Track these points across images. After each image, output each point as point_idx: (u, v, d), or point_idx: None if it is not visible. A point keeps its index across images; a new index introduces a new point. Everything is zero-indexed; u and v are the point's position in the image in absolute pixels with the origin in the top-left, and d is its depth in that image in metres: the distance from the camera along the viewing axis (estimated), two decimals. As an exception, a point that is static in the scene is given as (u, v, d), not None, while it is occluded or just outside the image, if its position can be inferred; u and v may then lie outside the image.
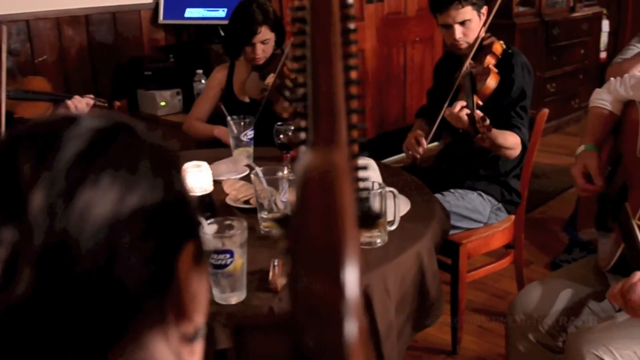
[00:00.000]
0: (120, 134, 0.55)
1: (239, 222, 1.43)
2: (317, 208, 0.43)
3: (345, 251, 0.40)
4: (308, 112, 0.68)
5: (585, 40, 5.76)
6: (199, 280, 0.58)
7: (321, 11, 0.68)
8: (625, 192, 1.70)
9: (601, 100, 1.96)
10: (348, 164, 0.50)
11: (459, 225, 2.44)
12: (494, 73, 2.42)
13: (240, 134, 2.36)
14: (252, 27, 2.61)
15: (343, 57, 0.71)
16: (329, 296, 0.39)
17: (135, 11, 3.61)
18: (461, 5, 2.42)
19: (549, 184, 4.31)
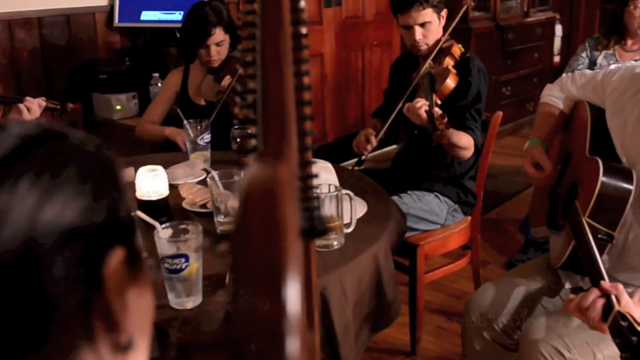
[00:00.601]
0: (47, 140, 0.54)
1: (194, 226, 1.42)
2: (258, 224, 0.43)
3: (286, 268, 0.40)
4: (257, 119, 0.67)
5: (539, 44, 5.88)
6: (133, 287, 0.57)
7: (271, 15, 0.68)
8: (575, 190, 1.74)
9: (552, 96, 2.00)
10: (294, 176, 0.50)
11: (416, 227, 2.47)
12: (453, 74, 2.46)
13: (197, 138, 2.34)
14: (205, 29, 2.60)
15: (294, 63, 0.71)
16: (270, 314, 0.39)
17: (89, 14, 3.56)
18: (422, 7, 2.45)
19: (505, 185, 4.39)
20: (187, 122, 2.35)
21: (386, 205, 1.97)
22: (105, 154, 0.59)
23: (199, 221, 1.82)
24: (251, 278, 0.41)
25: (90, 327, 0.53)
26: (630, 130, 1.71)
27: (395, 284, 1.75)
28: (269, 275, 0.40)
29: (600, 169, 1.60)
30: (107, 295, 0.54)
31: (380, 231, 1.77)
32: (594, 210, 1.59)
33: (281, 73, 0.67)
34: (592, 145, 1.78)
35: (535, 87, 5.89)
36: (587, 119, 1.84)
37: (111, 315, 0.54)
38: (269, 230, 0.42)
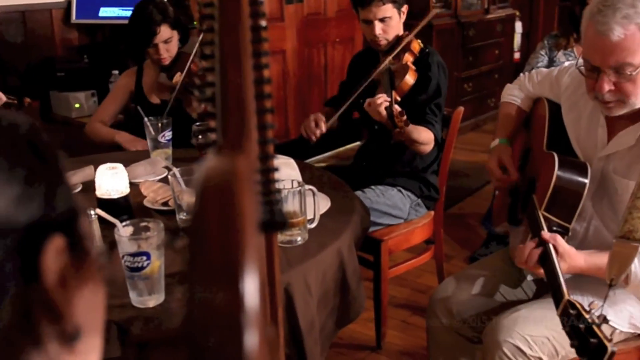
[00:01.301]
0: None
1: (156, 224, 1.40)
2: (214, 218, 0.42)
3: (243, 262, 0.40)
4: (217, 113, 0.66)
5: (499, 41, 5.96)
6: (77, 276, 0.55)
7: (230, 7, 0.67)
8: (533, 185, 1.77)
9: (512, 96, 2.04)
10: (252, 168, 0.50)
11: (379, 222, 2.48)
12: (412, 70, 2.47)
13: (158, 135, 2.31)
14: (151, 28, 2.57)
15: (253, 55, 0.71)
16: (228, 308, 0.38)
17: (46, 10, 3.49)
18: (382, 2, 2.47)
19: (467, 180, 4.44)
20: (147, 119, 2.32)
21: (349, 200, 1.98)
22: (40, 137, 0.56)
23: (160, 219, 1.80)
24: (208, 272, 0.40)
25: (31, 319, 0.51)
26: (585, 125, 1.74)
27: (359, 279, 1.75)
28: (226, 268, 0.39)
29: (556, 163, 1.63)
30: (47, 284, 0.52)
31: (344, 226, 1.77)
32: (550, 203, 1.62)
33: (240, 66, 0.67)
34: (549, 141, 1.81)
35: (496, 83, 5.97)
36: (545, 116, 1.88)
37: (53, 305, 0.52)
38: (225, 224, 0.42)
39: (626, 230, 1.47)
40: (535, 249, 1.55)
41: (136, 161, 2.24)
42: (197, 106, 2.61)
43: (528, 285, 1.92)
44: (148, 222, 1.41)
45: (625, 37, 1.47)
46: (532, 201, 1.67)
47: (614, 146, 1.65)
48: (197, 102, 2.63)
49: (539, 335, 1.64)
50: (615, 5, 1.48)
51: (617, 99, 1.56)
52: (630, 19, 1.47)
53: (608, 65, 1.51)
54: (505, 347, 1.63)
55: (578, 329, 1.31)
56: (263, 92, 0.71)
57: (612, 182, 1.66)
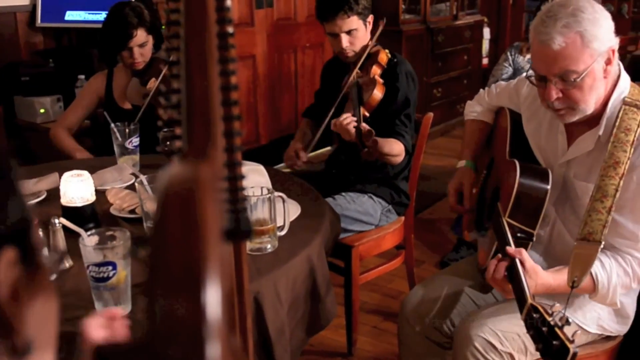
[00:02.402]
0: None
1: (122, 233, 1.37)
2: (176, 226, 0.41)
3: (205, 271, 0.38)
4: (182, 119, 0.65)
5: (468, 47, 6.02)
6: (30, 288, 0.53)
7: (195, 14, 0.66)
8: (497, 193, 1.79)
9: (474, 112, 2.07)
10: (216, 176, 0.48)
11: (350, 229, 2.47)
12: (380, 84, 2.46)
13: (125, 142, 2.27)
14: (126, 31, 2.53)
15: (220, 62, 0.69)
16: (190, 318, 0.37)
17: (10, 13, 3.42)
18: (347, 15, 2.45)
19: (437, 185, 4.46)
20: (114, 125, 2.28)
21: (319, 206, 1.97)
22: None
23: (127, 227, 1.77)
24: (169, 282, 0.38)
25: None
26: (545, 133, 1.77)
27: (329, 286, 1.74)
28: (187, 278, 0.38)
29: (517, 170, 1.65)
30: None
31: (314, 233, 1.76)
32: (513, 210, 1.63)
33: (206, 72, 0.65)
34: (512, 149, 1.84)
35: (465, 88, 6.02)
36: (507, 125, 1.90)
37: (4, 318, 0.51)
38: (187, 232, 0.40)
39: (586, 232, 1.49)
40: (502, 262, 1.54)
41: (102, 168, 2.21)
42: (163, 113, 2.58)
43: (498, 292, 1.92)
44: (114, 230, 1.38)
45: (566, 45, 1.50)
46: (497, 208, 1.68)
47: (574, 152, 1.68)
48: (162, 110, 2.59)
49: (510, 331, 1.66)
50: (556, 16, 1.51)
51: (566, 106, 1.59)
52: (571, 27, 1.49)
53: (553, 74, 1.55)
54: (476, 342, 1.64)
55: (541, 332, 1.32)
56: (230, 98, 0.70)
57: (574, 187, 1.68)
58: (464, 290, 1.90)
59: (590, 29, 1.50)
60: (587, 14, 1.50)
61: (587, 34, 1.49)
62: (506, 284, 1.52)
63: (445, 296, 1.88)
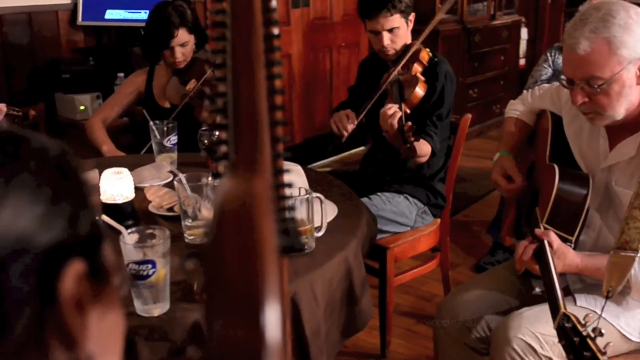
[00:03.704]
0: (5, 144, 0.52)
1: (161, 231, 1.38)
2: (234, 246, 0.40)
3: (264, 292, 0.37)
4: (229, 125, 0.64)
5: (505, 47, 5.94)
6: (96, 303, 0.53)
7: (242, 15, 0.65)
8: (536, 198, 1.76)
9: (515, 111, 2.04)
10: (269, 188, 0.47)
11: (385, 229, 2.46)
12: (422, 82, 2.44)
13: (163, 139, 2.29)
14: (169, 30, 2.55)
15: (266, 65, 0.68)
16: (248, 342, 0.36)
17: (52, 12, 3.48)
18: (390, 12, 2.44)
19: (472, 187, 4.42)
20: (153, 123, 2.31)
21: (356, 207, 1.96)
22: (69, 160, 0.56)
23: (165, 225, 1.79)
24: (226, 303, 0.38)
25: (43, 343, 0.50)
26: (586, 137, 1.73)
27: (365, 288, 1.73)
28: (246, 301, 0.37)
29: (557, 174, 1.62)
30: (62, 310, 0.50)
31: (351, 234, 1.75)
32: (551, 215, 1.61)
33: (253, 76, 0.65)
34: (552, 153, 1.81)
35: (501, 89, 5.95)
36: (548, 128, 1.87)
37: (67, 331, 0.51)
38: (245, 250, 0.39)
39: (623, 241, 1.46)
40: (531, 244, 1.56)
41: (141, 165, 2.23)
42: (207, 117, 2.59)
43: (536, 298, 1.89)
44: (154, 229, 1.39)
45: (592, 50, 1.47)
46: (535, 214, 1.66)
47: (615, 157, 1.64)
48: (206, 113, 2.60)
49: (551, 334, 1.62)
50: (587, 19, 1.48)
51: (592, 110, 1.56)
52: (598, 32, 1.46)
53: (578, 78, 1.52)
54: (515, 344, 1.61)
55: (573, 342, 1.30)
56: (275, 103, 0.69)
57: (616, 193, 1.65)
58: (503, 297, 1.87)
59: (619, 35, 1.46)
60: (618, 19, 1.46)
61: (615, 40, 1.46)
62: (533, 263, 1.56)
63: (483, 302, 1.85)
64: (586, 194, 1.61)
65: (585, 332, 1.29)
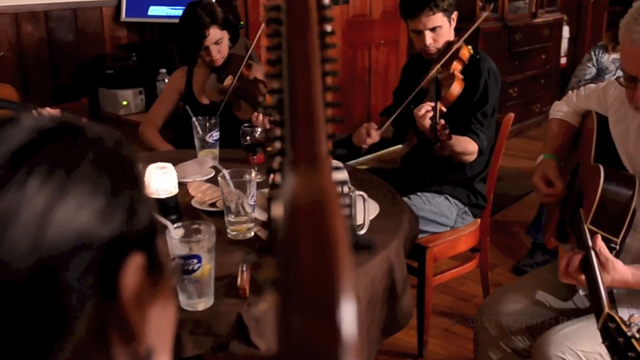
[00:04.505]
0: (62, 135, 0.50)
1: (207, 227, 1.39)
2: (308, 243, 0.39)
3: (340, 289, 0.37)
4: (285, 121, 0.64)
5: (546, 45, 5.85)
6: (153, 296, 0.53)
7: (298, 12, 0.65)
8: (581, 199, 1.73)
9: (560, 112, 2.01)
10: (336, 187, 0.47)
11: (425, 229, 2.44)
12: (459, 79, 2.42)
13: (205, 135, 2.32)
14: (200, 31, 2.57)
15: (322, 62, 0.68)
16: (325, 340, 0.36)
17: (96, 8, 3.54)
18: (432, 12, 2.41)
19: (511, 187, 4.36)
20: (195, 119, 2.33)
21: (398, 206, 1.95)
22: (125, 151, 0.55)
23: (208, 220, 1.80)
24: (301, 300, 0.37)
25: (105, 338, 0.50)
26: (634, 139, 1.70)
27: (406, 286, 1.73)
28: (322, 297, 0.37)
29: (602, 175, 1.59)
30: (123, 304, 0.50)
31: (393, 233, 1.74)
32: (596, 216, 1.58)
33: (310, 73, 0.64)
34: (597, 153, 1.77)
35: (542, 88, 5.86)
36: (593, 129, 1.84)
37: (128, 325, 0.51)
38: (320, 248, 0.39)
39: None
40: (577, 255, 1.51)
41: (183, 160, 2.25)
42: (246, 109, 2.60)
43: (580, 300, 1.86)
44: (200, 224, 1.41)
45: None
46: (579, 215, 1.63)
47: None
48: (245, 105, 2.62)
49: (591, 351, 1.59)
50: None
51: None
52: None
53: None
54: None
55: (617, 343, 1.28)
56: (329, 100, 0.69)
57: None
58: (545, 298, 1.85)
59: None
60: None
61: None
62: (579, 274, 1.51)
63: (525, 304, 1.83)
64: (632, 194, 1.58)
65: (630, 333, 1.27)
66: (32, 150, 0.48)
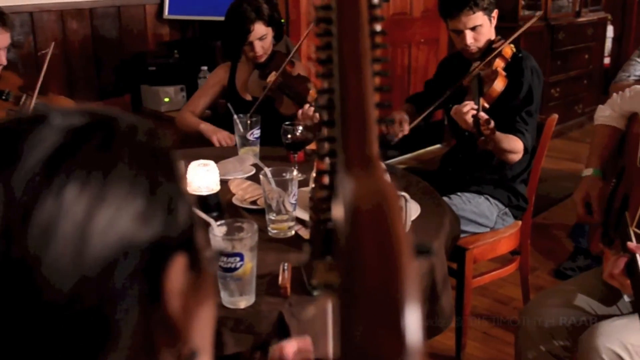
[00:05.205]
0: (95, 132, 0.48)
1: (250, 225, 1.40)
2: (372, 247, 0.38)
3: (405, 293, 0.36)
4: (336, 121, 0.63)
5: (589, 45, 5.74)
6: (197, 294, 0.52)
7: (349, 11, 0.65)
8: (626, 202, 1.70)
9: (603, 116, 1.97)
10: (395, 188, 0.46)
11: (465, 229, 2.41)
12: (502, 76, 2.39)
13: (246, 133, 2.32)
14: (245, 26, 2.58)
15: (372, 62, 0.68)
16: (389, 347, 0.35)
17: (140, 5, 3.58)
18: (472, 11, 2.38)
19: (552, 189, 4.29)
20: (237, 116, 2.34)
21: (439, 206, 1.93)
22: (158, 142, 0.52)
23: (248, 217, 1.81)
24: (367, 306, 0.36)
25: (151, 341, 0.49)
26: None
27: (448, 288, 1.71)
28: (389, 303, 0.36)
29: None
30: (169, 307, 0.49)
31: (435, 233, 1.73)
32: None
33: (361, 73, 0.64)
34: None
35: (584, 89, 5.75)
36: (638, 133, 1.80)
37: (173, 326, 0.50)
38: (384, 250, 0.38)
39: None
40: (622, 258, 1.49)
41: (224, 158, 2.26)
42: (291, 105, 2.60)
43: (624, 306, 1.82)
44: (242, 222, 1.41)
45: None
46: (624, 218, 1.59)
47: None
48: (289, 102, 2.62)
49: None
50: None
51: None
52: None
53: None
54: (604, 354, 1.57)
55: None
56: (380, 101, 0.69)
57: None
58: (589, 304, 1.81)
59: None
60: None
61: None
62: (624, 279, 1.49)
63: (569, 309, 1.80)
64: None
65: None
66: (66, 154, 0.46)
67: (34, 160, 0.45)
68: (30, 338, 0.44)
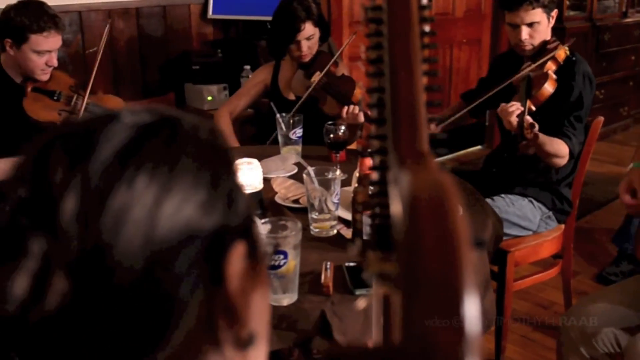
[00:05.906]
0: (162, 129, 0.51)
1: (293, 223, 1.41)
2: (432, 238, 0.39)
3: (464, 284, 0.37)
4: (387, 119, 0.64)
5: (636, 46, 5.62)
6: (254, 281, 0.54)
7: (400, 13, 0.65)
8: None
9: None
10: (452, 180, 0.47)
11: (508, 232, 2.39)
12: (552, 79, 2.36)
13: (289, 132, 2.34)
14: (295, 25, 2.60)
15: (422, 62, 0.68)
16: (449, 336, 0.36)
17: (185, 5, 3.63)
18: (532, 6, 2.36)
19: (596, 192, 4.22)
20: (279, 115, 2.36)
21: (482, 207, 1.92)
22: (219, 140, 0.56)
23: (291, 216, 1.82)
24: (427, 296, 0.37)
25: (212, 323, 0.51)
26: None
27: (490, 291, 1.70)
28: (448, 294, 0.37)
29: None
30: (229, 290, 0.52)
31: (477, 233, 1.72)
32: None
33: (412, 73, 0.64)
34: None
35: (630, 91, 5.64)
36: None
37: (233, 311, 0.52)
38: (444, 242, 0.39)
39: None
40: None
41: (265, 156, 2.28)
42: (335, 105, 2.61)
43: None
44: (286, 220, 1.42)
45: None
46: None
47: None
48: (333, 101, 2.63)
49: None
50: None
51: None
52: None
53: None
54: None
55: None
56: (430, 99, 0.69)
57: None
58: (634, 310, 1.78)
59: None
60: None
61: None
62: None
63: (613, 315, 1.77)
64: None
65: None
66: (136, 147, 0.49)
67: (108, 152, 0.48)
68: (101, 318, 0.46)
